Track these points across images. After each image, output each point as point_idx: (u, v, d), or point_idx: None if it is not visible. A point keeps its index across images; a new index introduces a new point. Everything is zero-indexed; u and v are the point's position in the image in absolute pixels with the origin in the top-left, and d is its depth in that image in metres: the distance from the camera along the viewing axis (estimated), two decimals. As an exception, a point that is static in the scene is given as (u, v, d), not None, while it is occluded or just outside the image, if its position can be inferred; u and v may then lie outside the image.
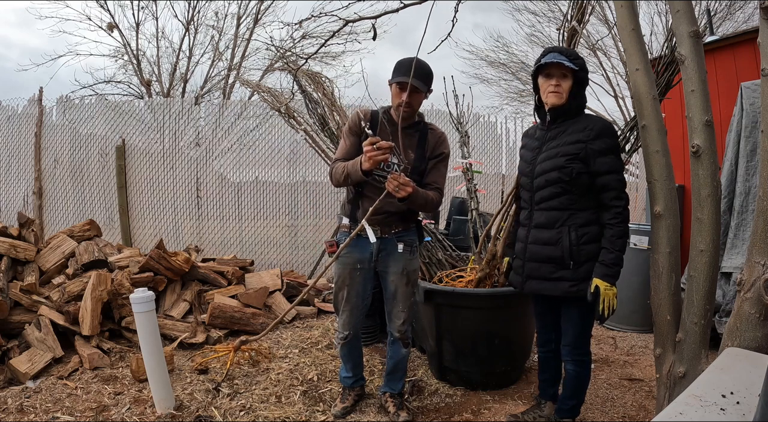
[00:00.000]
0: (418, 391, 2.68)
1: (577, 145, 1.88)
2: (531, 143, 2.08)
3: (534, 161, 2.01)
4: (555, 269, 1.94)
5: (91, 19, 10.15)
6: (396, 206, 2.08)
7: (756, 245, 1.58)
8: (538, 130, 2.08)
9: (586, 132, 1.87)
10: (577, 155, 1.87)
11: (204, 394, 2.59)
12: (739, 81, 3.13)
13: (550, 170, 1.92)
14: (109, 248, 3.82)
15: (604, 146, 1.86)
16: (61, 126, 5.48)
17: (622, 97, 10.78)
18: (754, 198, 2.71)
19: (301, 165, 5.54)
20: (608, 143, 1.87)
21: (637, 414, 2.43)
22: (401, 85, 2.05)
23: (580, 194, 1.90)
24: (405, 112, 2.11)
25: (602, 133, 1.86)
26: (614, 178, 1.86)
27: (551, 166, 1.92)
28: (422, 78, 2.07)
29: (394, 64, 2.12)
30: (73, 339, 3.02)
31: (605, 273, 1.83)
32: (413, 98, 2.09)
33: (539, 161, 1.98)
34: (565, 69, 1.89)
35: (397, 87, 2.09)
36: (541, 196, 1.97)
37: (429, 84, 2.14)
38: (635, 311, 3.65)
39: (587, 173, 1.87)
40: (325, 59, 10.80)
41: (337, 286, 2.29)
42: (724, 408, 0.98)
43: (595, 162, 1.85)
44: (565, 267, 1.92)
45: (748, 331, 1.58)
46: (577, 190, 1.90)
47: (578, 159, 1.87)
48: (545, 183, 1.94)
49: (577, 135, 1.89)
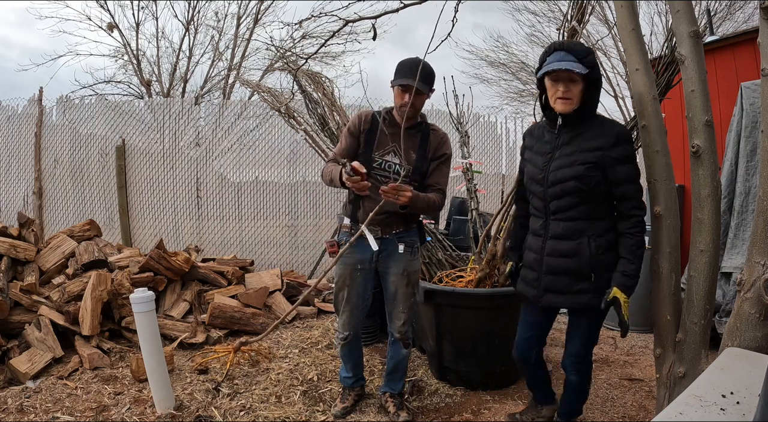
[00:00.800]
0: (418, 391, 2.68)
1: (595, 152, 1.74)
2: (540, 146, 1.92)
3: (546, 167, 1.85)
4: (574, 281, 1.83)
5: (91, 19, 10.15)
6: (396, 207, 2.08)
7: (756, 245, 1.58)
8: (546, 132, 1.91)
9: (605, 138, 1.74)
10: (596, 163, 1.74)
11: (204, 394, 2.59)
12: (739, 81, 3.13)
13: (568, 178, 1.78)
14: (109, 248, 3.82)
15: (624, 153, 1.74)
16: (61, 126, 5.48)
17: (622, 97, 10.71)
18: (754, 198, 2.70)
19: (301, 165, 5.54)
20: (628, 150, 1.76)
21: (637, 414, 2.43)
22: (404, 87, 2.05)
23: (597, 202, 1.80)
24: (408, 112, 2.11)
25: (621, 139, 1.75)
26: (633, 188, 1.76)
27: (569, 174, 1.77)
28: (425, 79, 2.06)
29: (396, 66, 2.12)
30: (73, 339, 3.02)
31: (625, 284, 1.75)
32: (416, 100, 2.09)
33: (553, 168, 1.82)
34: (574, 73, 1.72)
35: (399, 89, 2.09)
36: (558, 206, 1.83)
37: (431, 84, 2.14)
38: (635, 311, 3.62)
39: (605, 181, 1.76)
40: (325, 59, 10.80)
41: (338, 286, 2.29)
42: (724, 408, 0.98)
43: (614, 171, 1.74)
44: (585, 279, 1.81)
45: (748, 331, 1.58)
46: (595, 199, 1.79)
47: (597, 167, 1.74)
48: (562, 193, 1.80)
49: (596, 141, 1.75)
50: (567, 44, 1.79)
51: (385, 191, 1.91)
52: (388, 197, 1.92)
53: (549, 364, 3.02)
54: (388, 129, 2.18)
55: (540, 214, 1.92)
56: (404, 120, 2.11)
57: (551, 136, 1.88)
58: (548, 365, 3.01)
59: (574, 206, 1.80)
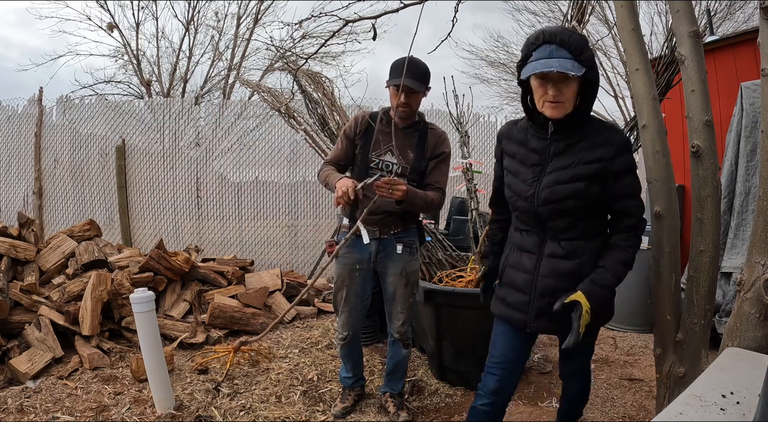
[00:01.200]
0: (418, 391, 2.68)
1: (595, 164, 1.49)
2: (525, 155, 1.60)
3: (537, 182, 1.55)
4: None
5: (91, 19, 10.15)
6: (394, 206, 2.08)
7: (756, 245, 1.58)
8: (532, 137, 1.59)
9: (606, 148, 1.49)
10: (598, 177, 1.50)
11: (204, 394, 2.59)
12: (739, 81, 3.13)
13: (565, 197, 1.51)
14: (109, 248, 3.82)
15: (626, 164, 1.51)
16: (61, 126, 5.48)
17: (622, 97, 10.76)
18: (754, 198, 2.71)
19: (301, 165, 5.54)
20: (629, 161, 1.52)
21: (637, 414, 2.43)
22: (398, 87, 2.06)
23: (595, 218, 1.59)
24: (404, 112, 2.11)
25: (622, 148, 1.50)
26: (635, 203, 1.54)
27: (566, 192, 1.51)
28: (419, 78, 2.06)
29: (390, 66, 2.13)
30: (73, 339, 3.02)
31: (594, 294, 1.48)
32: (411, 99, 2.09)
33: (546, 183, 1.54)
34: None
35: (394, 89, 2.09)
36: (555, 226, 1.58)
37: (426, 83, 2.13)
38: (635, 311, 3.65)
39: (603, 195, 1.53)
40: (325, 59, 10.80)
41: (336, 286, 2.29)
42: (724, 408, 0.98)
43: (615, 184, 1.51)
44: None
45: (748, 331, 1.58)
46: (593, 215, 1.58)
47: (597, 181, 1.50)
48: (557, 213, 1.54)
49: (596, 152, 1.49)
50: (559, 35, 1.41)
51: (378, 186, 1.91)
52: (381, 192, 1.92)
53: (549, 364, 3.02)
54: (385, 129, 2.18)
55: (532, 230, 1.64)
56: (401, 120, 2.11)
57: (540, 144, 1.56)
58: (548, 365, 3.02)
59: (573, 227, 1.57)
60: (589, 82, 1.47)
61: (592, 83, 1.48)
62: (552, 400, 2.57)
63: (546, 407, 2.52)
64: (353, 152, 2.24)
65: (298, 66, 3.52)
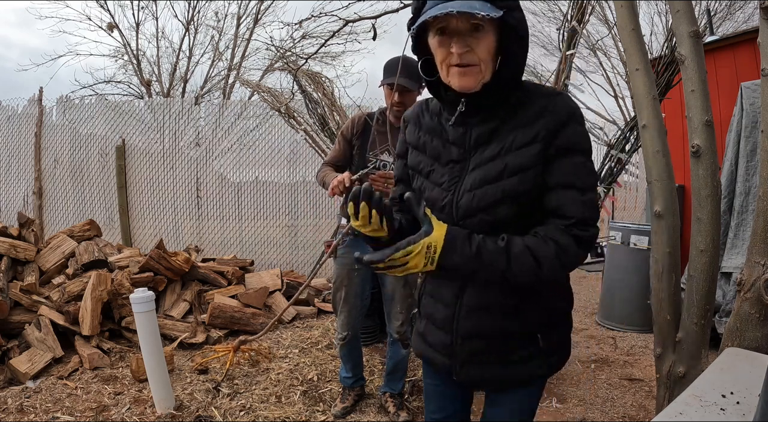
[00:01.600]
0: (418, 391, 2.68)
1: (535, 146, 1.00)
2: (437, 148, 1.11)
3: (455, 186, 1.06)
4: (516, 347, 1.10)
5: (91, 19, 10.19)
6: None
7: (756, 245, 1.58)
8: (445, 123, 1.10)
9: (547, 119, 0.99)
10: (538, 164, 1.00)
11: (204, 394, 2.59)
12: (739, 81, 3.13)
13: (495, 202, 1.01)
14: (109, 248, 3.82)
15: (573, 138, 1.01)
16: (61, 126, 5.49)
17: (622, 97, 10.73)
18: (754, 198, 2.70)
19: (301, 165, 5.54)
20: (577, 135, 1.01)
21: (637, 414, 2.43)
22: (392, 85, 2.07)
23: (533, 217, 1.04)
24: (398, 111, 2.12)
25: (569, 116, 1.00)
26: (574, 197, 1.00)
27: (496, 196, 1.01)
28: (412, 76, 2.06)
29: (383, 65, 2.14)
30: (73, 339, 3.02)
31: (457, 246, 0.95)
32: (405, 97, 2.10)
33: (467, 186, 1.04)
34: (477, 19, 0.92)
35: (388, 88, 2.11)
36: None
37: (420, 81, 2.13)
38: (635, 311, 3.65)
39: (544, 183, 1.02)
40: (325, 59, 10.80)
41: (336, 286, 2.30)
42: (724, 408, 0.98)
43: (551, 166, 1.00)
44: (532, 342, 1.10)
45: (748, 331, 1.58)
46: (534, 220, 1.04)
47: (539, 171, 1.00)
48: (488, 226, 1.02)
49: (534, 128, 1.00)
50: None
51: (374, 180, 1.94)
52: (377, 185, 1.94)
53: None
54: (382, 129, 2.20)
55: None
56: (395, 118, 2.13)
57: (455, 132, 1.08)
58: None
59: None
60: (513, 34, 0.97)
61: (518, 35, 0.98)
62: (552, 400, 2.57)
63: (546, 407, 2.52)
64: (351, 153, 2.27)
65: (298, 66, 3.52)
